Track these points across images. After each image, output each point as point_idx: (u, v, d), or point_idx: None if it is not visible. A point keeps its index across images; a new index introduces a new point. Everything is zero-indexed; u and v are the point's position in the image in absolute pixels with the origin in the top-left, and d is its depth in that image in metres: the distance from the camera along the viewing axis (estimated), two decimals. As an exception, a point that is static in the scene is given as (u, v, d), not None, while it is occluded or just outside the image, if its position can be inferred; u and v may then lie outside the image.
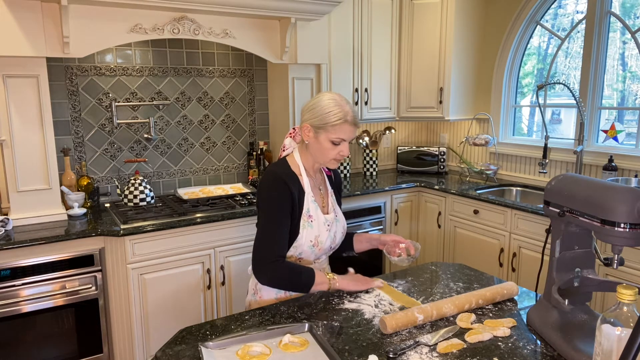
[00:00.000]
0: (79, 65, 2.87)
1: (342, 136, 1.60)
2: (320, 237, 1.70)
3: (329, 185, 1.81)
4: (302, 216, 1.66)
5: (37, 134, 2.49)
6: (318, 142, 1.63)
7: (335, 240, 1.77)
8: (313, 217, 1.68)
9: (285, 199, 1.61)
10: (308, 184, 1.69)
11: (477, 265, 3.24)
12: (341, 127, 1.59)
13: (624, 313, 0.97)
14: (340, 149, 1.63)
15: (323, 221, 1.71)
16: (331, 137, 1.60)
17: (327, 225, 1.72)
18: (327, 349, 1.26)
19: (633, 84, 3.06)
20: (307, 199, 1.68)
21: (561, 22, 3.43)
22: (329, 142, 1.61)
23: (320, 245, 1.71)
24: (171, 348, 1.30)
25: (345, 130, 1.60)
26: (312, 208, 1.69)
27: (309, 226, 1.67)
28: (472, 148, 3.99)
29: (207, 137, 3.35)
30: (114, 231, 2.42)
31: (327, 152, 1.63)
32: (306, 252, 1.70)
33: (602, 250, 2.58)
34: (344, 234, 1.81)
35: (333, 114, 1.59)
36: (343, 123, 1.59)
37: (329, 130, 1.59)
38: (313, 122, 1.62)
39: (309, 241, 1.68)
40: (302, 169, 1.70)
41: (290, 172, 1.67)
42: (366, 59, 3.58)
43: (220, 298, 2.79)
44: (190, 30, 2.71)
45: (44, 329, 2.35)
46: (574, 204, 1.25)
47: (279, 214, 1.61)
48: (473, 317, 1.45)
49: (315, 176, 1.76)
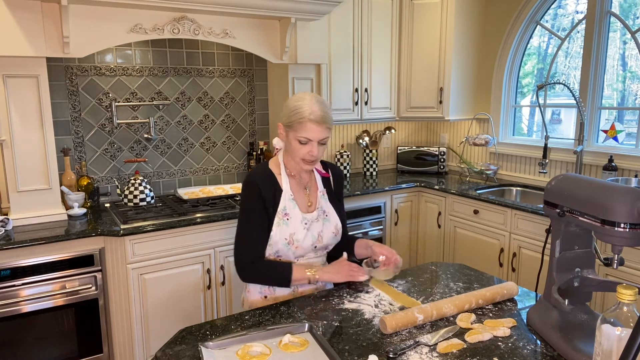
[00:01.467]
0: (79, 65, 2.87)
1: (305, 135, 1.57)
2: (297, 235, 1.69)
3: (320, 185, 1.80)
4: (277, 214, 1.67)
5: (37, 134, 2.49)
6: (288, 140, 1.64)
7: (322, 240, 1.75)
8: (289, 215, 1.68)
9: (254, 200, 1.65)
10: (287, 183, 1.71)
11: (477, 265, 3.24)
12: (304, 126, 1.57)
13: (624, 313, 0.97)
14: (308, 149, 1.60)
15: (300, 219, 1.70)
16: (297, 136, 1.59)
17: (305, 224, 1.70)
18: (327, 349, 1.26)
19: (633, 84, 3.06)
20: (284, 197, 1.69)
21: (561, 22, 3.43)
22: (296, 140, 1.60)
23: (297, 243, 1.69)
24: (171, 348, 1.30)
25: (308, 129, 1.57)
26: (290, 206, 1.69)
27: (284, 224, 1.68)
28: (472, 148, 3.99)
29: (207, 137, 3.35)
30: (114, 231, 2.42)
31: (296, 152, 1.62)
32: (282, 250, 1.69)
33: (602, 250, 2.58)
34: (335, 233, 1.79)
35: (297, 112, 1.58)
36: (306, 121, 1.56)
37: (295, 128, 1.59)
38: (283, 120, 1.63)
39: (284, 239, 1.68)
40: (282, 168, 1.72)
41: (266, 173, 1.70)
42: (366, 59, 3.58)
43: (220, 298, 2.79)
44: (190, 30, 2.71)
45: (44, 329, 2.35)
46: (574, 204, 1.25)
47: (250, 215, 1.66)
48: (473, 317, 1.45)
49: (300, 175, 1.76)
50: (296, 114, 1.58)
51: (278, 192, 1.69)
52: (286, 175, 1.72)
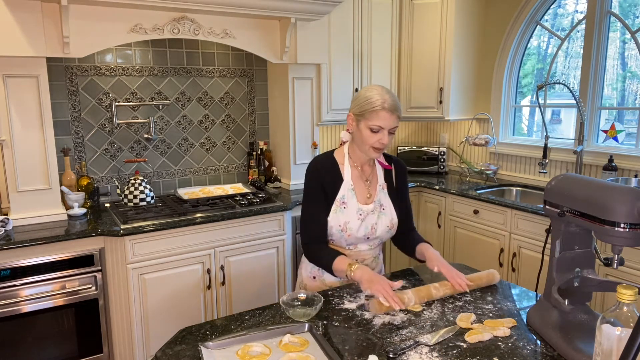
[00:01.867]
0: (79, 65, 2.87)
1: (378, 123, 1.64)
2: (350, 224, 1.75)
3: (381, 179, 1.83)
4: (335, 201, 1.76)
5: (37, 134, 2.49)
6: (359, 130, 1.69)
7: (375, 232, 1.79)
8: (347, 204, 1.76)
9: (314, 186, 1.77)
10: (349, 173, 1.78)
11: (477, 265, 3.24)
12: (377, 114, 1.63)
13: (624, 313, 0.97)
14: (379, 137, 1.66)
15: (356, 209, 1.76)
16: (369, 124, 1.65)
17: (360, 214, 1.76)
18: (327, 349, 1.26)
19: (633, 84, 3.06)
20: (344, 186, 1.77)
21: (561, 22, 3.44)
22: (368, 129, 1.66)
23: (350, 232, 1.75)
24: (171, 348, 1.30)
25: (381, 117, 1.63)
26: (348, 196, 1.77)
27: (340, 212, 1.76)
28: (472, 148, 3.99)
29: (207, 137, 3.35)
30: (114, 231, 2.42)
31: (366, 140, 1.68)
32: (336, 235, 1.77)
33: (602, 250, 2.58)
34: (390, 227, 1.82)
35: (370, 101, 1.64)
36: (380, 110, 1.63)
37: (367, 117, 1.65)
38: (354, 110, 1.70)
39: (338, 226, 1.76)
40: (346, 159, 1.80)
41: (330, 161, 1.80)
42: (366, 59, 3.58)
43: (220, 298, 2.79)
44: (190, 30, 2.71)
45: (44, 329, 2.35)
46: (574, 204, 1.25)
47: (310, 200, 1.79)
48: (473, 317, 1.46)
49: (363, 168, 1.81)
50: (369, 104, 1.64)
51: (339, 181, 1.77)
52: (349, 165, 1.79)
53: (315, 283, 1.85)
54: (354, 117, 1.70)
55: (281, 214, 2.90)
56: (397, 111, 1.65)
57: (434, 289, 1.59)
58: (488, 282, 1.70)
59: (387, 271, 3.55)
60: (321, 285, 1.84)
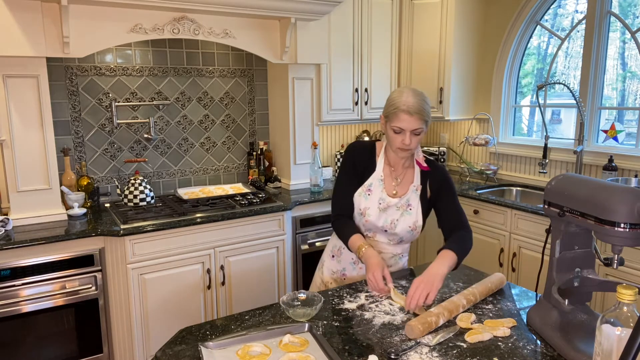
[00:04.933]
0: (79, 65, 2.87)
1: (399, 124, 1.66)
2: (370, 210, 1.80)
3: (417, 180, 1.84)
4: (363, 186, 1.83)
5: (37, 134, 2.49)
6: (387, 130, 1.74)
7: (395, 228, 1.81)
8: (372, 191, 1.82)
9: (348, 164, 1.86)
10: (381, 166, 1.84)
11: (477, 265, 3.24)
12: (397, 116, 1.66)
13: (624, 313, 0.97)
14: (401, 138, 1.69)
15: (378, 198, 1.81)
16: (392, 125, 1.69)
17: (380, 204, 1.80)
18: (327, 349, 1.26)
19: (633, 84, 3.06)
20: (374, 175, 1.83)
21: (561, 22, 3.44)
22: (391, 130, 1.70)
23: (368, 217, 1.80)
24: (171, 348, 1.30)
25: (400, 119, 1.65)
26: (375, 185, 1.83)
27: (364, 196, 1.82)
28: (472, 148, 3.99)
29: (207, 137, 3.35)
30: (114, 231, 2.42)
31: (391, 141, 1.73)
32: (356, 217, 1.86)
33: (602, 250, 2.58)
34: (413, 229, 1.82)
35: (393, 103, 1.68)
36: (399, 112, 1.65)
37: (390, 118, 1.69)
38: (384, 112, 1.75)
39: (358, 208, 1.83)
40: (382, 153, 1.86)
41: (369, 148, 1.88)
42: (366, 59, 3.58)
43: (220, 298, 2.79)
44: (190, 30, 2.71)
45: (44, 329, 2.35)
46: (574, 204, 1.25)
47: (342, 177, 1.89)
48: (473, 317, 1.46)
49: (396, 167, 1.84)
50: (391, 105, 1.69)
51: (372, 168, 1.85)
52: (383, 160, 1.85)
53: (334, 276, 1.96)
54: (384, 118, 1.75)
55: (281, 214, 2.90)
56: (419, 113, 1.65)
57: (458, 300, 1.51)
58: (497, 288, 1.68)
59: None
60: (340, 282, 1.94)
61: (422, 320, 1.36)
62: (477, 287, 1.60)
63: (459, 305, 1.48)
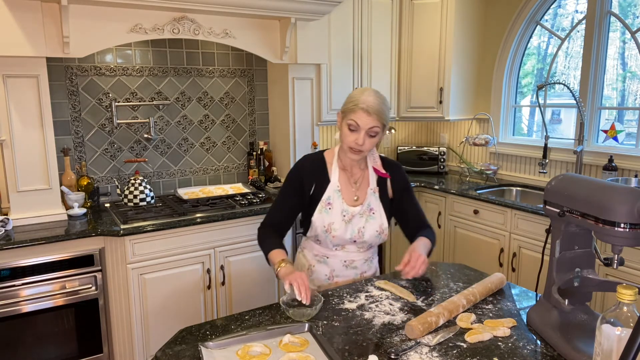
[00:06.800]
0: (79, 65, 2.87)
1: (354, 119, 1.64)
2: (334, 225, 1.76)
3: (373, 182, 1.82)
4: (321, 202, 1.77)
5: (37, 134, 2.49)
6: (341, 127, 1.72)
7: (363, 236, 1.78)
8: (332, 205, 1.77)
9: (290, 182, 1.80)
10: (336, 174, 1.79)
11: (477, 265, 3.24)
12: (354, 112, 1.64)
13: (624, 313, 0.97)
14: (355, 137, 1.66)
15: (341, 210, 1.76)
16: (347, 120, 1.67)
17: (344, 216, 1.76)
18: (327, 349, 1.26)
19: (633, 84, 3.06)
20: (330, 187, 1.78)
21: (561, 22, 3.43)
22: (346, 126, 1.67)
23: (335, 233, 1.76)
24: (171, 348, 1.30)
25: (358, 116, 1.64)
26: (334, 197, 1.77)
27: (325, 212, 1.77)
28: (472, 148, 3.99)
29: (207, 137, 3.35)
30: (114, 231, 2.42)
31: (345, 138, 1.69)
32: (321, 236, 1.79)
33: (602, 250, 2.58)
34: (380, 232, 1.80)
35: (352, 99, 1.67)
36: (357, 108, 1.64)
37: (347, 114, 1.67)
38: (342, 107, 1.72)
39: (322, 226, 1.77)
40: (335, 160, 1.81)
41: (317, 161, 1.82)
42: (366, 59, 3.58)
43: (220, 298, 2.79)
44: (190, 30, 2.71)
45: (44, 329, 2.35)
46: (574, 204, 1.25)
47: (281, 195, 1.83)
48: (473, 317, 1.45)
49: (352, 170, 1.81)
50: (351, 102, 1.67)
51: (325, 182, 1.78)
52: (337, 167, 1.80)
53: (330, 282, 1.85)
54: (340, 114, 1.73)
55: (281, 214, 2.90)
56: (377, 114, 1.63)
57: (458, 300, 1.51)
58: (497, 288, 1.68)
59: (387, 271, 3.55)
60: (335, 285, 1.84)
61: (422, 320, 1.36)
62: (477, 287, 1.59)
63: (459, 305, 1.48)
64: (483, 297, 1.59)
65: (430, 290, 1.68)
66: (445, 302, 1.48)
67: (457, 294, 1.59)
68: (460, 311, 1.49)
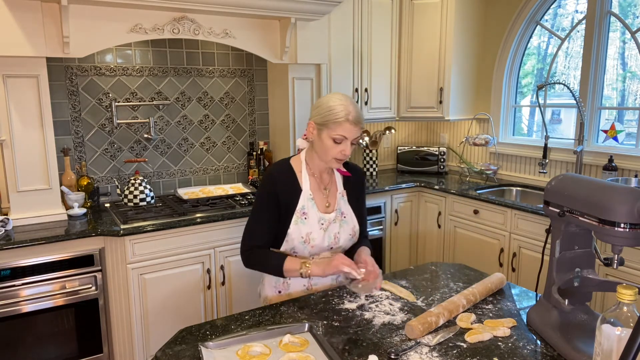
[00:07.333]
0: (79, 65, 2.87)
1: (343, 133, 1.60)
2: (313, 234, 1.71)
3: (340, 186, 1.80)
4: (296, 212, 1.70)
5: (37, 134, 2.49)
6: (320, 139, 1.65)
7: (339, 241, 1.76)
8: (307, 214, 1.71)
9: (266, 196, 1.70)
10: (307, 182, 1.73)
11: (477, 265, 3.24)
12: (342, 125, 1.60)
13: (624, 313, 0.97)
14: (341, 148, 1.63)
15: (317, 219, 1.72)
16: (332, 135, 1.61)
17: (322, 224, 1.72)
18: (327, 349, 1.26)
19: (633, 84, 3.06)
20: (303, 196, 1.71)
21: (561, 22, 3.43)
22: (330, 139, 1.62)
23: (313, 242, 1.71)
24: (171, 348, 1.30)
25: (345, 129, 1.60)
26: (308, 206, 1.71)
27: (301, 223, 1.70)
28: (472, 148, 3.99)
29: (207, 137, 3.35)
30: (114, 231, 2.42)
31: (328, 151, 1.64)
32: (298, 247, 1.72)
33: (602, 250, 2.58)
34: (352, 235, 1.79)
35: (335, 112, 1.60)
36: (344, 121, 1.60)
37: (331, 127, 1.61)
38: (317, 119, 1.65)
39: (300, 237, 1.70)
40: (304, 167, 1.74)
41: (286, 170, 1.73)
42: (366, 59, 3.58)
43: (220, 298, 2.79)
44: (190, 30, 2.71)
45: (44, 329, 2.35)
46: (574, 204, 1.25)
47: (258, 209, 1.72)
48: (473, 317, 1.46)
49: (321, 176, 1.77)
50: (333, 114, 1.61)
51: (297, 191, 1.71)
52: (307, 174, 1.74)
53: (281, 298, 1.78)
54: (316, 125, 1.65)
55: (281, 214, 2.90)
56: (360, 122, 1.63)
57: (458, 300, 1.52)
58: (497, 288, 1.68)
59: (387, 271, 3.55)
60: (287, 298, 1.76)
61: (422, 320, 1.36)
62: (477, 287, 1.59)
63: (459, 305, 1.48)
64: (483, 297, 1.59)
65: (430, 290, 1.68)
66: (445, 302, 1.48)
67: (457, 294, 1.59)
68: (460, 311, 1.49)
